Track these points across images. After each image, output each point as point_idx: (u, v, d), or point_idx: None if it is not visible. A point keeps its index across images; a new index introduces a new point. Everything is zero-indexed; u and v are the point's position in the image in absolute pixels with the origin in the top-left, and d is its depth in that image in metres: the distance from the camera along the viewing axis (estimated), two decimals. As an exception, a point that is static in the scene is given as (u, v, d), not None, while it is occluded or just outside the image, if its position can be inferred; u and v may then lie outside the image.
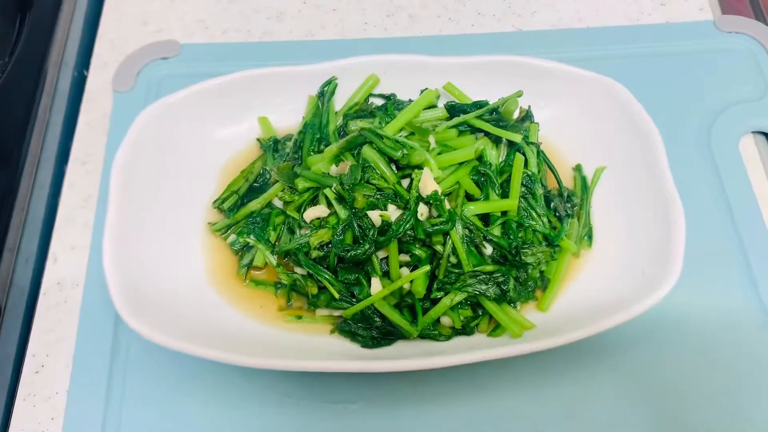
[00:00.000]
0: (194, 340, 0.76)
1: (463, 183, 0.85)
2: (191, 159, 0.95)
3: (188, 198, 0.93)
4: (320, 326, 0.86)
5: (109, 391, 0.86)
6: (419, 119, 0.92)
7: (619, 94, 0.96)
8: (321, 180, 0.85)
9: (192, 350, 0.75)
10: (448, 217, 0.80)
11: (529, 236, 0.86)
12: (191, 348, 0.75)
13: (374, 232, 0.80)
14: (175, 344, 0.75)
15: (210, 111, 0.98)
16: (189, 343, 0.75)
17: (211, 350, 0.75)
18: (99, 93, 1.14)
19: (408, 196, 0.81)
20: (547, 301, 0.86)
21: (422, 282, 0.80)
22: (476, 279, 0.81)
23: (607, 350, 0.90)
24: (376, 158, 0.83)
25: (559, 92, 0.98)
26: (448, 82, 0.97)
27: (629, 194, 0.91)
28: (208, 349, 0.75)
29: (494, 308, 0.82)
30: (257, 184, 0.95)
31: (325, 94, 0.98)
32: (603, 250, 0.91)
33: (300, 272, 0.86)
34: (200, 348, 0.75)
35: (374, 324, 0.82)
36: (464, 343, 0.82)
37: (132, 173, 0.86)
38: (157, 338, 0.75)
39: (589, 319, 0.80)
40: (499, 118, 0.92)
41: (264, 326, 0.85)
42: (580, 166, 0.97)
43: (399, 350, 0.82)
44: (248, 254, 0.90)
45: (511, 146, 0.90)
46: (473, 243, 0.83)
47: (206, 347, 0.75)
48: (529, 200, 0.87)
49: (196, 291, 0.87)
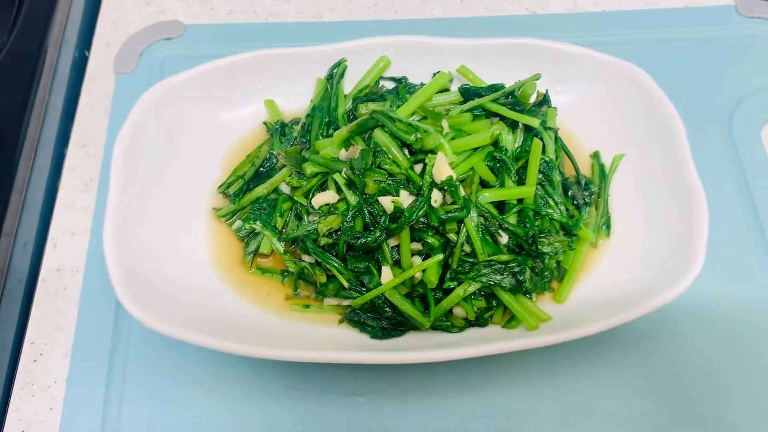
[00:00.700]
0: (197, 329, 0.74)
1: (477, 169, 0.83)
2: (195, 143, 0.93)
3: (192, 183, 0.92)
4: (328, 316, 0.84)
5: (110, 381, 0.85)
6: (432, 103, 0.90)
7: (640, 79, 0.93)
8: (330, 165, 0.83)
9: (195, 339, 0.73)
10: (462, 204, 0.78)
11: (546, 225, 0.85)
12: (194, 337, 0.73)
13: (385, 219, 0.78)
14: (177, 333, 0.73)
15: (215, 93, 0.96)
16: (192, 332, 0.73)
17: (215, 339, 0.73)
18: (100, 74, 1.13)
19: (421, 181, 0.79)
20: (564, 292, 0.85)
21: (435, 271, 0.79)
22: (491, 269, 0.79)
23: (626, 342, 0.88)
24: (388, 142, 0.81)
25: (577, 77, 0.97)
26: (461, 65, 0.97)
27: (649, 182, 0.89)
28: (212, 338, 0.73)
29: (509, 299, 0.80)
30: (264, 168, 0.94)
31: (334, 77, 0.96)
32: (621, 240, 0.89)
33: (308, 260, 0.84)
34: (203, 337, 0.73)
35: (384, 314, 0.80)
36: (478, 335, 0.80)
37: (134, 157, 0.85)
38: (159, 326, 0.73)
39: (607, 312, 0.78)
40: (516, 103, 0.90)
41: (270, 315, 0.84)
42: (598, 153, 0.95)
43: (410, 342, 0.80)
44: (254, 241, 0.88)
45: (527, 131, 0.88)
46: (488, 231, 0.81)
47: (210, 336, 0.74)
48: (547, 188, 0.86)
49: (200, 278, 0.85)
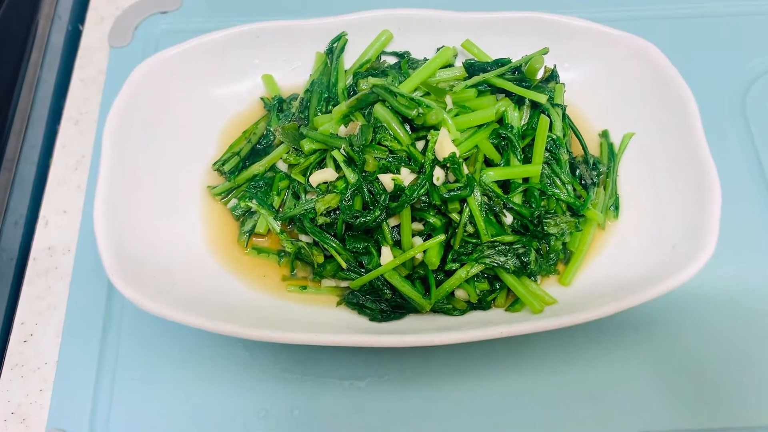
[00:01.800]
0: (191, 310, 0.73)
1: (482, 147, 0.81)
2: (190, 118, 0.92)
3: (186, 160, 0.91)
4: (326, 298, 0.83)
5: (101, 362, 0.84)
6: (435, 79, 0.89)
7: (651, 55, 0.90)
8: (329, 141, 0.81)
9: (188, 320, 0.72)
10: (466, 183, 0.76)
11: (552, 205, 0.84)
12: (187, 318, 0.72)
13: (386, 197, 0.76)
14: (170, 314, 0.73)
15: (210, 68, 0.94)
16: (185, 313, 0.73)
17: (209, 321, 0.72)
18: (94, 49, 1.10)
19: (423, 158, 0.77)
20: (570, 274, 0.83)
21: (436, 252, 0.77)
22: (494, 250, 0.78)
23: (634, 327, 0.85)
24: (388, 117, 0.79)
25: (587, 53, 0.95)
26: (466, 40, 0.94)
27: (660, 162, 0.88)
28: (206, 319, 0.72)
29: (513, 282, 0.79)
30: (260, 145, 0.92)
31: (334, 51, 0.94)
32: (630, 222, 0.88)
33: (305, 240, 0.83)
34: (197, 318, 0.72)
35: (384, 296, 0.79)
36: (480, 318, 0.79)
37: (126, 133, 0.84)
38: (151, 307, 0.73)
39: (614, 295, 0.77)
40: (522, 78, 0.88)
41: (266, 297, 0.83)
42: (607, 131, 0.94)
43: (410, 325, 0.79)
44: (250, 220, 0.87)
45: (534, 108, 0.86)
46: (492, 211, 0.79)
47: (203, 317, 0.73)
48: (553, 166, 0.84)
49: (194, 258, 0.85)
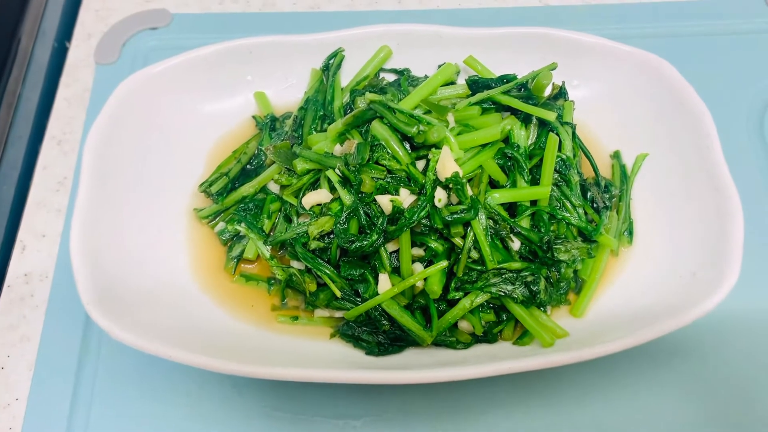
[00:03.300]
0: (174, 343, 0.69)
1: (486, 167, 0.77)
2: (177, 137, 0.88)
3: (172, 181, 0.87)
4: (319, 329, 0.79)
5: (75, 399, 0.78)
6: (436, 96, 0.85)
7: (664, 71, 0.87)
8: (323, 161, 0.77)
9: (170, 354, 0.68)
10: (470, 205, 0.72)
11: (563, 230, 0.79)
12: (170, 352, 0.68)
13: (383, 220, 0.72)
14: (150, 347, 0.68)
15: (200, 84, 0.90)
16: (167, 346, 0.68)
17: (193, 355, 0.68)
18: (80, 66, 1.06)
19: (423, 179, 0.73)
20: (582, 305, 0.79)
21: (438, 280, 0.73)
22: (501, 278, 0.74)
23: (650, 361, 0.80)
24: (387, 135, 0.75)
25: (596, 70, 0.91)
26: (469, 56, 0.90)
27: (675, 184, 0.84)
28: (190, 353, 0.68)
29: (522, 313, 0.75)
30: (251, 165, 0.89)
31: (331, 68, 0.91)
32: (645, 248, 0.83)
33: (297, 266, 0.79)
34: (180, 352, 0.68)
35: (381, 328, 0.75)
36: (486, 352, 0.75)
37: (108, 152, 0.80)
38: (131, 339, 0.68)
39: (631, 327, 0.73)
40: (529, 95, 0.83)
41: (254, 328, 0.79)
42: (618, 152, 0.90)
43: (410, 359, 0.75)
44: (238, 245, 0.83)
45: (542, 127, 0.82)
46: (498, 236, 0.75)
47: (187, 351, 0.68)
48: (563, 188, 0.80)
49: (178, 286, 0.80)
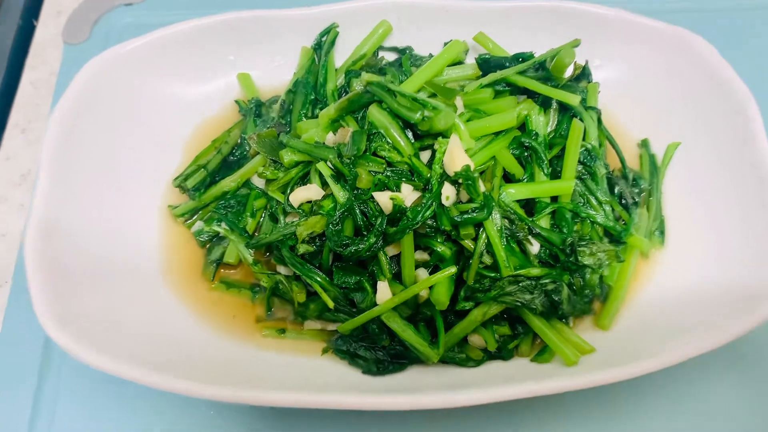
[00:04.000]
0: (144, 362, 0.63)
1: (500, 158, 0.72)
2: (151, 124, 0.82)
3: (145, 174, 0.81)
4: (309, 344, 0.74)
5: (33, 422, 0.72)
6: (443, 78, 0.79)
7: (700, 50, 0.80)
8: (313, 151, 0.72)
9: (136, 376, 0.61)
10: (482, 203, 0.66)
11: (587, 230, 0.73)
12: (138, 374, 0.61)
13: (382, 221, 0.67)
14: (117, 368, 0.61)
15: (176, 65, 0.84)
16: (136, 365, 0.62)
17: (165, 377, 0.61)
18: (48, 46, 0.98)
19: (429, 173, 0.68)
20: (609, 315, 0.73)
21: (446, 289, 0.68)
22: (518, 286, 0.68)
23: (686, 375, 0.72)
24: (386, 122, 0.70)
25: (622, 48, 0.85)
26: (479, 32, 0.84)
27: (713, 178, 0.77)
28: (161, 374, 0.61)
29: (541, 325, 0.69)
30: (233, 157, 0.83)
31: (323, 46, 0.85)
32: (680, 250, 0.77)
33: (284, 272, 0.74)
34: (150, 374, 0.61)
35: (380, 343, 0.70)
36: (501, 371, 0.70)
37: (72, 141, 0.74)
38: (94, 360, 0.61)
39: (665, 341, 0.66)
40: (548, 76, 0.77)
41: (236, 343, 0.73)
42: (647, 141, 0.84)
43: (413, 379, 0.70)
44: (218, 247, 0.78)
45: (562, 112, 0.77)
46: (514, 238, 0.69)
47: (156, 372, 0.61)
48: (588, 182, 0.74)
49: (149, 295, 0.74)
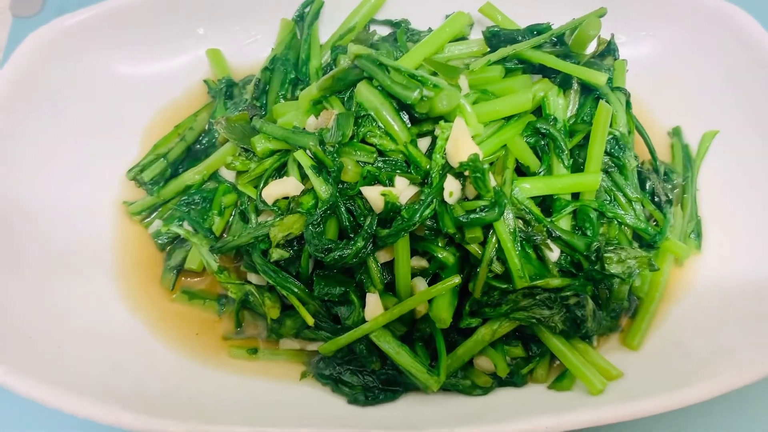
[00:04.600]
0: (88, 390, 0.57)
1: (512, 148, 0.67)
2: (104, 108, 0.78)
3: (97, 163, 0.77)
4: (285, 367, 0.69)
5: None
6: (444, 55, 0.74)
7: (741, 25, 0.76)
8: (291, 137, 0.66)
9: (80, 410, 0.55)
10: (492, 200, 0.61)
11: (614, 233, 0.68)
12: (80, 407, 0.55)
13: (372, 221, 0.62)
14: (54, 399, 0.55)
15: (135, 39, 0.79)
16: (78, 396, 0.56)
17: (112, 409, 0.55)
18: None
19: (428, 164, 0.63)
20: (639, 333, 0.68)
21: (448, 303, 0.63)
22: (534, 300, 0.63)
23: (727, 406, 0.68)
24: (377, 102, 0.63)
25: (649, 22, 0.81)
26: (486, 3, 0.82)
27: (756, 171, 0.74)
28: (102, 406, 0.55)
29: (561, 346, 0.64)
30: (200, 145, 0.79)
31: (306, 17, 0.82)
32: (718, 255, 0.73)
33: (255, 282, 0.71)
34: (95, 406, 0.55)
35: (370, 366, 0.66)
36: (512, 401, 0.65)
37: (12, 126, 0.70)
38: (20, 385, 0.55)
39: (703, 365, 0.61)
40: (567, 52, 0.72)
41: (199, 365, 0.68)
42: (679, 129, 0.80)
43: (408, 411, 0.65)
44: (179, 251, 0.74)
45: (585, 94, 0.71)
46: (530, 242, 0.64)
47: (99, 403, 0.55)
48: (615, 177, 0.69)
49: (96, 307, 0.70)
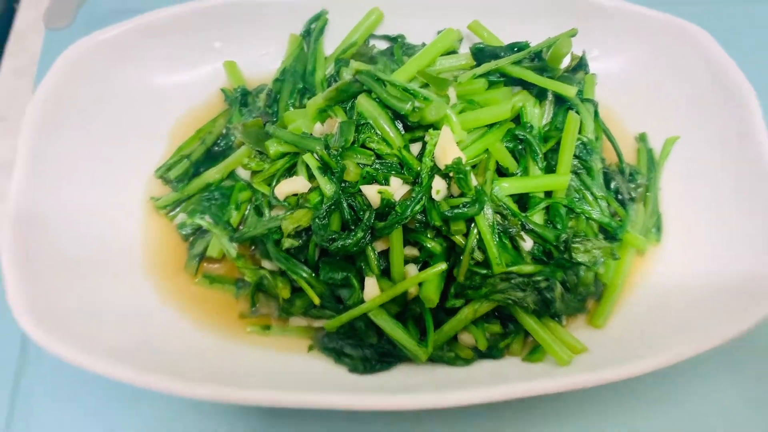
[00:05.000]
0: (124, 358, 0.62)
1: (493, 152, 0.71)
2: (132, 113, 0.81)
3: (127, 165, 0.80)
4: (294, 341, 0.73)
5: (11, 418, 0.71)
6: (436, 68, 0.78)
7: (701, 43, 0.80)
8: (300, 142, 0.72)
9: (115, 373, 0.60)
10: (474, 198, 0.66)
11: (582, 226, 0.73)
12: (115, 370, 0.61)
13: (370, 215, 0.67)
14: (93, 364, 0.61)
15: (160, 52, 0.84)
16: (116, 362, 0.61)
17: (142, 374, 0.60)
18: (28, 31, 0.97)
19: (419, 166, 0.68)
20: (603, 314, 0.73)
21: (435, 286, 0.68)
22: (510, 283, 0.67)
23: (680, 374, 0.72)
24: (375, 112, 0.69)
25: (619, 39, 0.85)
26: (474, 21, 0.84)
27: (711, 173, 0.77)
28: (138, 372, 0.60)
29: (533, 324, 0.69)
30: (218, 147, 0.83)
31: (312, 33, 0.85)
32: (676, 247, 0.77)
33: (269, 267, 0.74)
34: (127, 370, 0.61)
35: (368, 341, 0.70)
36: (491, 370, 0.69)
37: (51, 130, 0.73)
38: (71, 355, 0.61)
39: (660, 340, 0.66)
40: (543, 67, 0.76)
41: (219, 339, 0.72)
42: (645, 135, 0.84)
43: (401, 378, 0.69)
44: (201, 241, 0.77)
45: (558, 104, 0.77)
46: (507, 234, 0.69)
47: (135, 370, 0.61)
48: (583, 177, 0.74)
49: (129, 290, 0.74)
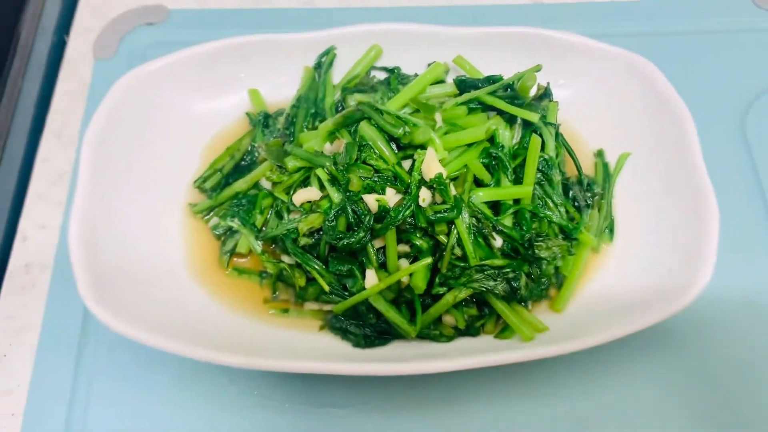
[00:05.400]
0: (169, 334, 0.71)
1: (471, 166, 0.79)
2: (173, 133, 0.90)
3: (168, 176, 0.88)
4: (308, 322, 0.81)
5: (75, 386, 0.80)
6: (425, 95, 0.87)
7: (648, 73, 0.87)
8: (313, 159, 0.79)
9: (165, 345, 0.69)
10: (453, 204, 0.74)
11: (544, 228, 0.80)
12: (164, 343, 0.69)
13: (370, 218, 0.74)
14: (146, 338, 0.69)
15: (195, 81, 0.91)
16: (162, 337, 0.70)
17: (187, 346, 0.69)
18: (79, 60, 1.07)
19: (409, 179, 0.75)
20: (562, 300, 0.81)
21: (423, 276, 0.75)
22: (483, 274, 0.75)
23: (629, 354, 0.82)
24: (374, 136, 0.77)
25: (581, 70, 0.92)
26: (458, 55, 0.92)
27: (656, 184, 0.85)
28: (184, 344, 0.69)
29: (503, 307, 0.77)
30: (244, 162, 0.90)
31: (323, 66, 0.92)
32: (625, 246, 0.85)
33: (287, 261, 0.81)
34: (174, 343, 0.69)
35: (368, 321, 0.77)
36: (468, 345, 0.77)
37: (106, 146, 0.81)
38: (126, 330, 0.70)
39: (608, 322, 0.75)
40: (515, 96, 0.85)
41: (246, 320, 0.80)
42: (602, 151, 0.91)
43: (395, 351, 0.77)
44: (231, 240, 0.85)
45: (526, 127, 0.83)
46: (481, 234, 0.77)
47: (180, 342, 0.70)
48: (545, 187, 0.81)
49: (173, 278, 0.82)
